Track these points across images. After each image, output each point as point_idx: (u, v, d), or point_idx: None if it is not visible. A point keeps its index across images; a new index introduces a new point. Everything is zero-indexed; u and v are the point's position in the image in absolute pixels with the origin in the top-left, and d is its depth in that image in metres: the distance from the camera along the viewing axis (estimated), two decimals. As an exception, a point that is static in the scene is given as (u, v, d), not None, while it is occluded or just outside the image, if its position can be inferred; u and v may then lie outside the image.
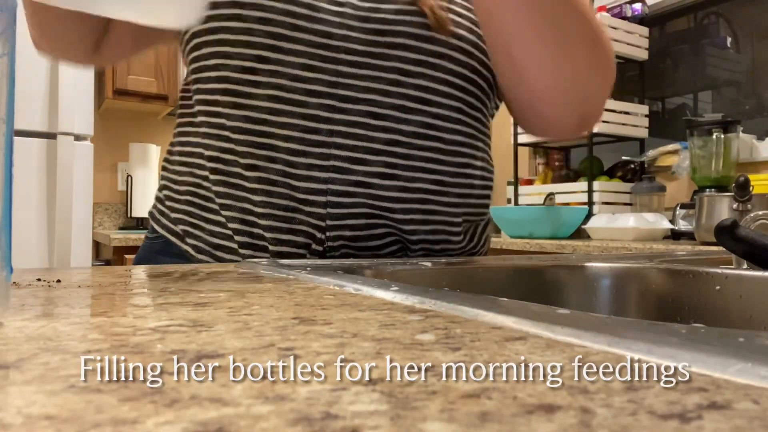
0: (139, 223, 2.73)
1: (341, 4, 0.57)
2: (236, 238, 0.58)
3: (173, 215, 0.63)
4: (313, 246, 0.57)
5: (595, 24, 0.59)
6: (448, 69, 0.60)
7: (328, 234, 0.57)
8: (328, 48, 0.56)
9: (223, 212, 0.59)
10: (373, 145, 0.57)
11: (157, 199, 0.67)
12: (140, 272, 0.42)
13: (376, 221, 0.59)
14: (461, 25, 0.61)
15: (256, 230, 0.58)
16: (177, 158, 0.64)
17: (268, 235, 0.57)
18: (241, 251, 0.58)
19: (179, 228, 0.62)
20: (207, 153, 0.60)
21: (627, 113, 2.07)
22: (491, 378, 0.15)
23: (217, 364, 0.16)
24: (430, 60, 0.59)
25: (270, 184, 0.57)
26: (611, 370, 0.16)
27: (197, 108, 0.61)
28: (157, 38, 0.74)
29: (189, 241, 0.61)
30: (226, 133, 0.58)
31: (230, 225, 0.58)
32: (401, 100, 0.58)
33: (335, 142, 0.56)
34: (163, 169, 0.68)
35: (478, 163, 0.66)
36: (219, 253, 0.60)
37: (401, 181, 0.58)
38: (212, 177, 0.59)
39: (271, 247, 0.57)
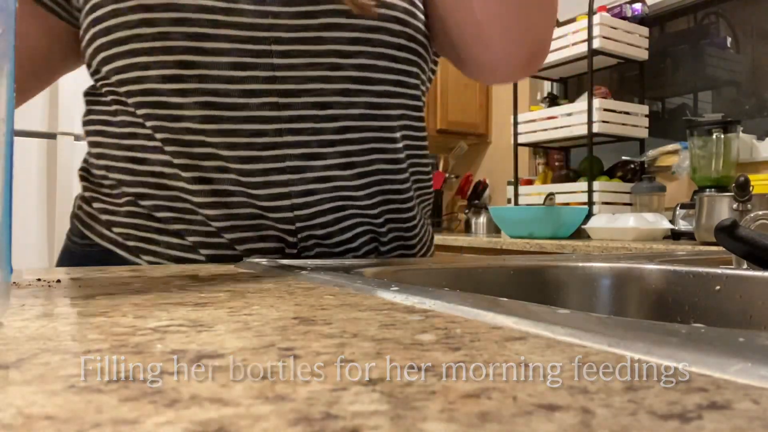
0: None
1: None
2: (201, 251, 0.55)
3: (116, 230, 0.57)
4: (287, 250, 0.56)
5: None
6: (385, 42, 0.56)
7: (299, 236, 0.55)
8: (256, 41, 0.51)
9: (176, 226, 0.54)
10: (324, 137, 0.54)
11: (86, 206, 0.60)
12: (140, 272, 0.42)
13: (344, 213, 0.57)
14: None
15: (222, 241, 0.54)
16: (103, 173, 0.57)
17: (238, 246, 0.54)
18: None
19: (130, 243, 0.56)
20: (143, 168, 0.54)
21: (627, 113, 2.07)
22: (491, 378, 0.15)
23: (217, 364, 0.16)
24: (365, 36, 0.54)
25: (227, 195, 0.53)
26: (611, 370, 0.16)
27: (126, 127, 0.55)
28: (57, 67, 0.64)
29: (144, 257, 0.56)
30: (161, 146, 0.53)
31: (189, 238, 0.54)
32: (344, 83, 0.54)
33: (286, 141, 0.53)
34: (85, 178, 0.60)
35: (401, 134, 0.62)
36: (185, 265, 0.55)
37: (359, 167, 0.56)
38: (159, 192, 0.54)
39: (244, 258, 0.54)
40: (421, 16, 0.60)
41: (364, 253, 0.60)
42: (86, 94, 0.60)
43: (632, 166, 2.10)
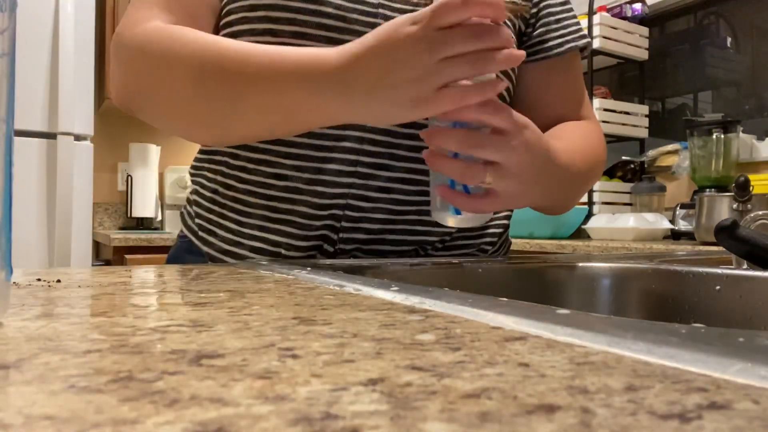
0: (139, 223, 2.73)
1: (374, 15, 0.57)
2: (249, 243, 0.59)
3: (197, 220, 0.64)
4: (325, 246, 0.58)
5: (594, 165, 0.63)
6: None
7: (341, 236, 0.58)
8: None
9: (242, 218, 0.60)
10: (397, 151, 0.58)
11: (187, 200, 0.69)
12: (140, 272, 0.42)
13: (393, 227, 0.59)
14: None
15: (271, 236, 0.58)
16: (206, 165, 0.65)
17: (283, 240, 0.58)
18: (252, 255, 0.59)
19: (200, 233, 0.64)
20: (234, 163, 0.60)
21: (627, 113, 2.07)
22: (491, 378, 0.15)
23: (217, 364, 0.16)
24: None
25: (295, 192, 0.58)
26: (611, 370, 0.16)
27: None
28: None
29: (204, 248, 0.62)
30: (258, 144, 0.59)
31: (245, 230, 0.60)
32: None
33: (364, 149, 0.57)
34: (194, 170, 0.68)
35: None
36: (228, 259, 0.60)
37: (423, 186, 0.59)
38: (239, 186, 0.60)
39: (284, 252, 0.58)
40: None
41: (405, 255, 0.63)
42: None
43: (632, 166, 2.10)
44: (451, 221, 0.49)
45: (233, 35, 0.58)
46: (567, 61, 0.69)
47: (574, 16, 0.71)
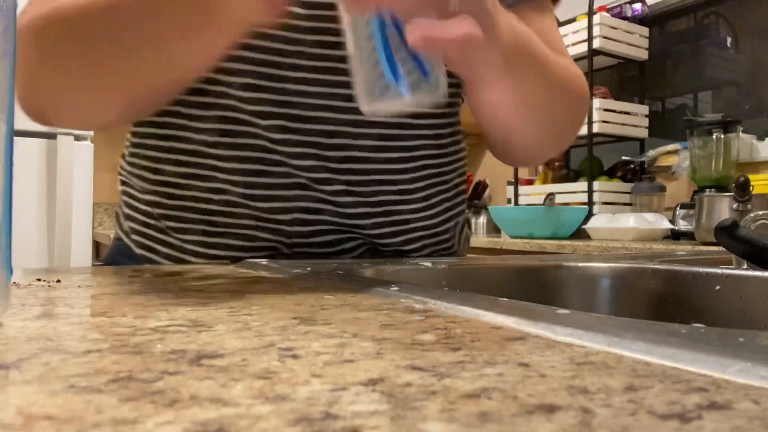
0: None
1: (295, 16, 0.52)
2: (194, 260, 0.56)
3: (134, 237, 0.60)
4: (278, 257, 0.56)
5: (563, 75, 0.58)
6: None
7: (295, 250, 0.56)
8: (274, 65, 0.53)
9: (182, 236, 0.57)
10: (328, 164, 0.55)
11: (121, 205, 0.64)
12: (140, 272, 0.42)
13: (347, 236, 0.57)
14: None
15: (218, 252, 0.56)
16: (133, 179, 0.60)
17: (232, 252, 0.55)
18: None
19: (138, 251, 0.59)
20: (160, 178, 0.57)
21: (627, 113, 2.07)
22: (491, 378, 0.15)
23: (217, 364, 0.16)
24: None
25: (233, 206, 0.55)
26: (611, 370, 0.16)
27: (146, 129, 0.58)
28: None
29: (139, 250, 0.59)
30: (181, 156, 0.55)
31: (188, 247, 0.56)
32: (354, 114, 0.54)
33: (294, 164, 0.54)
34: (122, 181, 0.63)
35: (446, 159, 0.63)
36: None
37: (363, 197, 0.57)
38: (170, 203, 0.56)
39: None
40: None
41: None
42: None
43: (632, 166, 2.10)
44: (393, 105, 0.37)
45: None
46: (539, 9, 0.65)
47: None
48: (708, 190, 1.74)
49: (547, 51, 0.54)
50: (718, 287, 0.47)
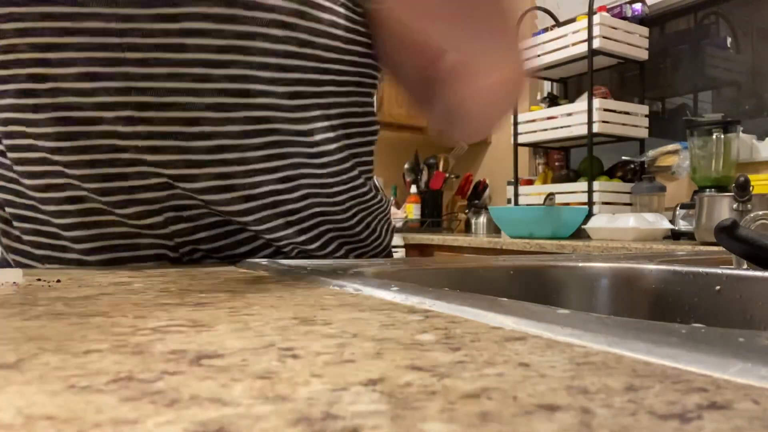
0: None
1: None
2: (87, 258, 0.51)
3: (10, 255, 0.55)
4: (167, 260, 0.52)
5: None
6: (267, 50, 0.49)
7: (182, 250, 0.52)
8: (108, 48, 0.46)
9: (58, 254, 0.52)
10: (194, 156, 0.48)
11: None
12: (140, 272, 0.42)
13: (234, 227, 0.52)
14: None
15: (111, 255, 0.51)
16: None
17: (124, 254, 0.51)
18: None
19: (10, 256, 0.54)
20: (27, 192, 0.51)
21: (627, 113, 2.07)
22: (491, 378, 0.15)
23: (217, 364, 0.16)
24: (238, 43, 0.48)
25: (98, 213, 0.49)
26: (611, 370, 0.16)
27: None
28: None
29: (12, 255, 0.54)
30: (34, 168, 0.49)
31: (71, 256, 0.51)
32: (216, 97, 0.48)
33: (147, 160, 0.47)
34: None
35: (332, 147, 0.55)
36: None
37: (242, 190, 0.50)
38: (15, 225, 0.51)
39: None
40: (327, 16, 0.53)
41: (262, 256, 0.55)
42: None
43: (632, 166, 2.10)
44: None
45: None
46: None
47: None
48: (708, 190, 1.74)
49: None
50: (718, 287, 0.47)
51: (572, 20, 2.15)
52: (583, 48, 2.03)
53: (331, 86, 0.55)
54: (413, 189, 2.72)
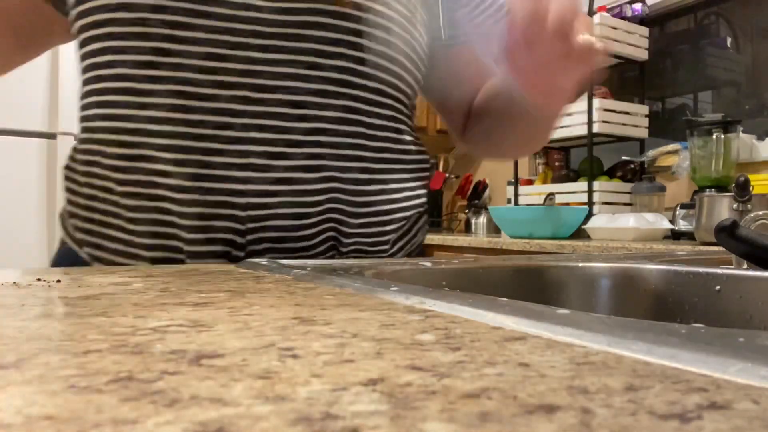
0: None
1: None
2: (146, 254, 0.53)
3: (77, 234, 0.57)
4: (233, 252, 0.54)
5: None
6: (367, 48, 0.55)
7: (249, 237, 0.53)
8: (234, 32, 0.50)
9: (131, 226, 0.54)
10: (292, 136, 0.52)
11: (66, 201, 0.61)
12: (140, 272, 0.42)
13: (304, 221, 0.54)
14: (380, 0, 0.56)
15: (171, 243, 0.53)
16: (79, 167, 0.57)
17: (186, 248, 0.53)
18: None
19: (78, 236, 0.57)
20: (106, 162, 0.53)
21: (627, 113, 2.07)
22: (491, 378, 0.15)
23: (217, 364, 0.16)
24: (347, 38, 0.54)
25: (181, 191, 0.51)
26: (611, 370, 0.16)
27: (93, 111, 0.55)
28: (44, 37, 0.65)
29: (86, 249, 0.56)
30: (127, 137, 0.52)
31: (138, 240, 0.53)
32: (321, 84, 0.53)
33: (251, 137, 0.51)
34: (67, 173, 0.60)
35: (404, 147, 0.62)
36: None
37: (330, 171, 0.54)
38: (118, 188, 0.53)
39: (188, 261, 0.53)
40: (415, 33, 0.60)
41: (320, 256, 0.58)
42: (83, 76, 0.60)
43: (632, 166, 2.10)
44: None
45: (86, 13, 0.52)
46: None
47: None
48: (708, 190, 1.74)
49: None
50: (718, 287, 0.47)
51: (572, 20, 2.15)
52: (583, 48, 2.03)
53: (401, 94, 0.61)
54: (413, 189, 2.71)
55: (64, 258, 0.60)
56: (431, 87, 0.70)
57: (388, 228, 0.61)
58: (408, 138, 0.63)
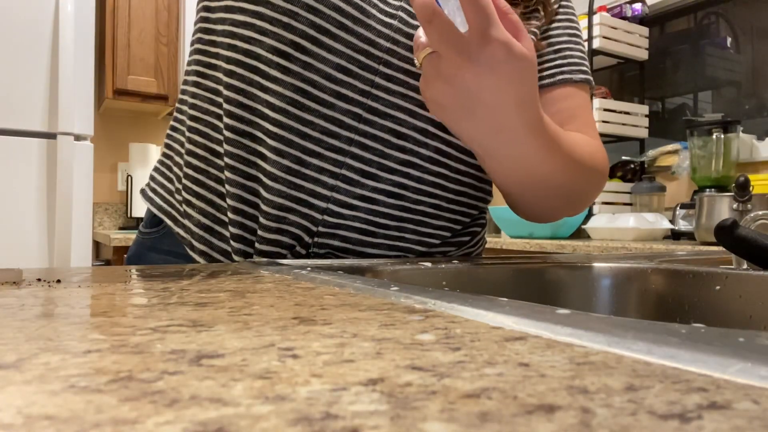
0: (139, 223, 2.73)
1: (392, 16, 0.55)
2: (231, 229, 0.57)
3: (172, 186, 0.62)
4: (297, 248, 0.56)
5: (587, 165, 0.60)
6: None
7: (315, 239, 0.56)
8: (369, 56, 0.55)
9: (219, 201, 0.58)
10: (387, 162, 0.56)
11: (156, 170, 0.65)
12: (140, 272, 0.42)
13: (370, 239, 0.57)
14: None
15: (249, 223, 0.56)
16: (187, 133, 0.61)
17: (259, 232, 0.56)
18: (232, 243, 0.57)
19: (175, 199, 0.61)
20: (226, 134, 0.57)
21: (627, 113, 2.08)
22: (491, 378, 0.15)
23: (217, 364, 0.16)
24: None
25: (273, 179, 0.55)
26: (611, 370, 0.16)
27: (217, 74, 0.58)
28: None
29: (181, 220, 0.60)
30: (241, 112, 0.56)
31: (230, 215, 0.57)
32: (425, 122, 0.57)
33: (352, 152, 0.55)
34: (169, 137, 0.65)
35: (479, 185, 0.65)
36: (207, 236, 0.58)
37: (407, 202, 0.58)
38: (226, 160, 0.57)
39: (257, 245, 0.56)
40: None
41: None
42: (193, 43, 0.63)
43: (632, 166, 2.10)
44: None
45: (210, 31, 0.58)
46: (566, 93, 0.65)
47: (581, 51, 0.67)
48: (708, 190, 1.74)
49: (558, 129, 0.55)
50: (718, 287, 0.47)
51: (572, 20, 2.15)
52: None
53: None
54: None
55: (143, 247, 0.65)
56: None
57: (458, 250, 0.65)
58: (483, 177, 0.65)
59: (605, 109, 2.00)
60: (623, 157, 2.15)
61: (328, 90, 0.54)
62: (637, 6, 2.12)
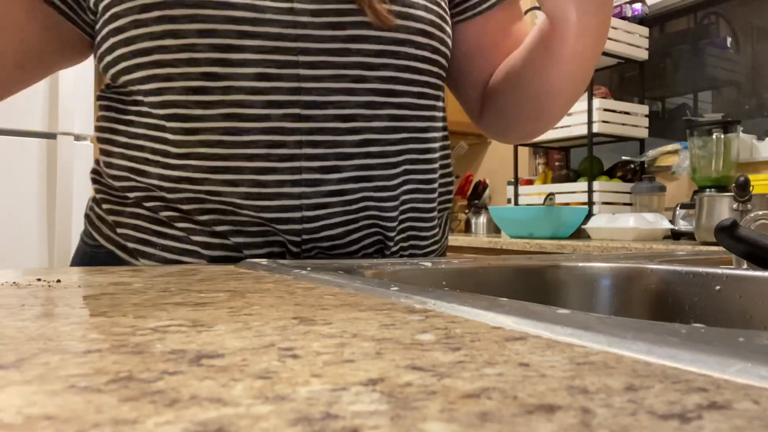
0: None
1: (287, 10, 0.52)
2: (204, 251, 0.54)
3: (120, 231, 0.57)
4: (288, 257, 0.56)
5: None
6: (410, 54, 0.56)
7: (304, 247, 0.55)
8: (283, 51, 0.51)
9: (181, 224, 0.54)
10: (344, 149, 0.53)
11: (96, 207, 0.61)
12: (140, 272, 0.42)
13: (355, 225, 0.56)
14: (415, 5, 0.56)
15: (228, 243, 0.54)
16: (116, 173, 0.56)
17: (245, 251, 0.54)
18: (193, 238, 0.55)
19: (129, 245, 0.56)
20: (160, 183, 0.54)
21: (627, 113, 2.07)
22: (491, 378, 0.15)
23: (217, 364, 0.16)
24: (391, 48, 0.55)
25: (236, 207, 0.52)
26: (611, 370, 0.16)
27: (142, 131, 0.55)
28: (51, 62, 0.62)
29: (141, 259, 0.56)
30: (176, 161, 0.53)
31: (194, 237, 0.54)
32: (368, 96, 0.54)
33: (304, 153, 0.52)
34: (96, 180, 0.60)
35: (437, 145, 0.63)
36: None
37: (378, 181, 0.56)
38: (168, 199, 0.54)
39: (247, 255, 0.55)
40: (448, 29, 0.61)
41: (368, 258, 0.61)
42: (99, 98, 0.60)
43: (632, 166, 2.10)
44: None
45: (128, 41, 0.52)
46: (502, 15, 0.66)
47: None
48: (708, 190, 1.74)
49: None
50: (718, 287, 0.47)
51: (572, 20, 2.15)
52: (583, 48, 2.03)
53: (441, 91, 0.63)
54: (413, 189, 2.71)
55: (90, 259, 0.60)
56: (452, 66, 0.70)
57: (428, 229, 0.63)
58: (442, 136, 0.64)
59: (605, 109, 2.00)
60: (623, 157, 2.15)
61: (257, 103, 0.51)
62: (637, 6, 2.12)
